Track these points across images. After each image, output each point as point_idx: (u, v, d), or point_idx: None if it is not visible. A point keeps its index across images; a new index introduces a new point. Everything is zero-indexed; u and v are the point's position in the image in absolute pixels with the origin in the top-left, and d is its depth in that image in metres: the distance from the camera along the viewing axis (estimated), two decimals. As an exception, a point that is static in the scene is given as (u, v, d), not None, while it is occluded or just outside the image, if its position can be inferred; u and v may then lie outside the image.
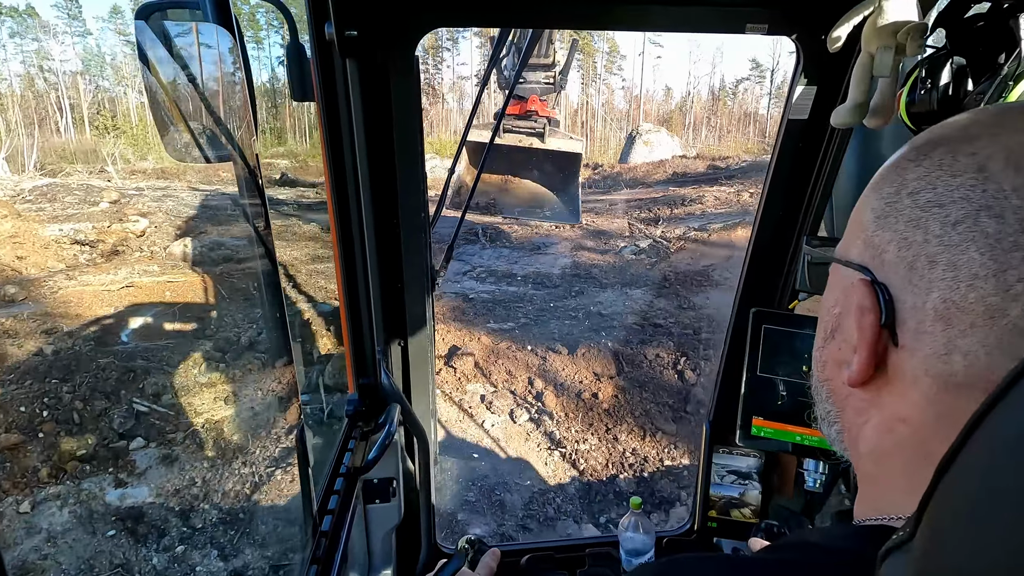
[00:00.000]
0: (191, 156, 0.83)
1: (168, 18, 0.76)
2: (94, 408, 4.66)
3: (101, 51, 52.58)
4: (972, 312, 0.36)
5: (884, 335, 0.41)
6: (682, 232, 12.52)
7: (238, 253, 9.24)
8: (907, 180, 0.41)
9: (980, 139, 0.38)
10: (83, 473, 4.15)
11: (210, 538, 3.74)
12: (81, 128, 43.31)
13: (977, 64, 0.79)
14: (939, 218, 0.38)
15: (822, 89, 1.31)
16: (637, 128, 30.86)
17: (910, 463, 0.41)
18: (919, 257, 0.38)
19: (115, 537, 3.67)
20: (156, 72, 0.75)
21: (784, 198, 1.48)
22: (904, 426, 0.41)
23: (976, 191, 0.36)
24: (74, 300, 6.63)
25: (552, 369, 6.10)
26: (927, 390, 0.39)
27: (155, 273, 7.62)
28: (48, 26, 49.73)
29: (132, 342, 5.82)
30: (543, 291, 9.20)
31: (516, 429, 5.19)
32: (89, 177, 17.76)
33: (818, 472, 1.48)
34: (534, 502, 4.26)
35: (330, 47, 1.14)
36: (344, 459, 1.31)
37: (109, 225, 9.78)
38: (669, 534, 1.78)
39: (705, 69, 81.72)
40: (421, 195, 1.38)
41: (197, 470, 4.33)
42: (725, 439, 1.64)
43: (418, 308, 1.49)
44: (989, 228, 0.35)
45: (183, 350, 5.73)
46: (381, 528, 1.50)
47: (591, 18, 1.23)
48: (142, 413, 4.74)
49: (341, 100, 1.20)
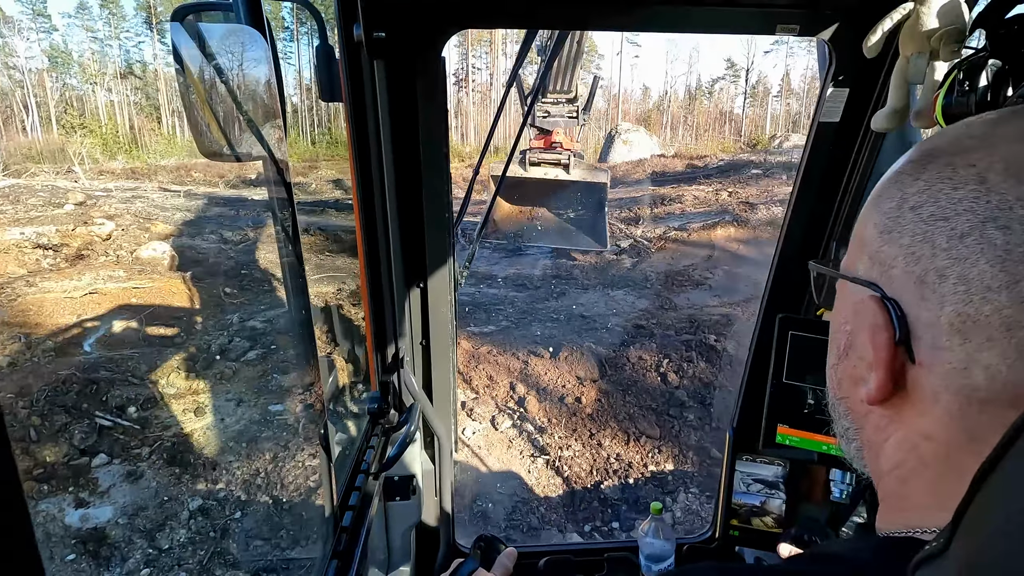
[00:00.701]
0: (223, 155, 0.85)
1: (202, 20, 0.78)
2: (54, 423, 4.43)
3: (68, 48, 51.20)
4: (989, 325, 0.35)
5: (900, 352, 0.41)
6: (662, 232, 12.57)
7: (210, 257, 8.99)
8: (908, 194, 0.41)
9: (977, 151, 0.38)
10: (40, 493, 3.94)
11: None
12: (48, 127, 42.12)
13: (1017, 67, 0.75)
14: (945, 231, 0.38)
15: (855, 92, 1.30)
16: (616, 127, 31.01)
17: (939, 479, 0.40)
18: (928, 271, 0.38)
19: (75, 561, 3.48)
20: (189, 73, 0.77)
21: (814, 202, 1.47)
22: (929, 443, 0.41)
23: (980, 203, 0.36)
24: (34, 308, 6.34)
25: (534, 373, 6.01)
26: (949, 406, 0.38)
27: (121, 279, 7.35)
28: (12, 21, 48.30)
29: (95, 352, 5.58)
30: (524, 293, 9.12)
31: (498, 436, 5.09)
32: (55, 178, 17.24)
33: (845, 483, 1.46)
34: (517, 511, 4.17)
35: (358, 48, 1.15)
36: (365, 456, 1.32)
37: (74, 228, 9.45)
38: (690, 541, 1.77)
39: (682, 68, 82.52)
40: (445, 196, 1.39)
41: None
42: (749, 446, 1.62)
43: (441, 308, 1.50)
44: (997, 240, 0.35)
45: (156, 359, 5.51)
46: (400, 525, 1.52)
47: (619, 20, 1.23)
48: (105, 427, 4.52)
49: (368, 101, 1.21)
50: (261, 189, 15.83)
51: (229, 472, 4.29)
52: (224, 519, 3.84)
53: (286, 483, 4.22)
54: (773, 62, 73.88)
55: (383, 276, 1.39)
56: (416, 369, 1.56)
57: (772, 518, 1.62)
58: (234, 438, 4.70)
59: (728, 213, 13.26)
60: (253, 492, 4.11)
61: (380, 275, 1.39)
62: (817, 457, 1.43)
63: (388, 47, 1.17)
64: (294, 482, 4.23)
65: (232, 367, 5.55)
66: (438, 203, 1.38)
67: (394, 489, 1.48)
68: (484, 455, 4.84)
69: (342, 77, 1.16)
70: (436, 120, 1.29)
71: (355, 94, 1.19)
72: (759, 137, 40.13)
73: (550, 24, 1.30)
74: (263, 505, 4.00)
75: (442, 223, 1.41)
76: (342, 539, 1.09)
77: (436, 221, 1.40)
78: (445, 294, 1.49)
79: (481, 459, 4.79)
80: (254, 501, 4.01)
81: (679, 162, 24.25)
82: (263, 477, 4.25)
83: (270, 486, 4.18)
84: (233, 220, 11.97)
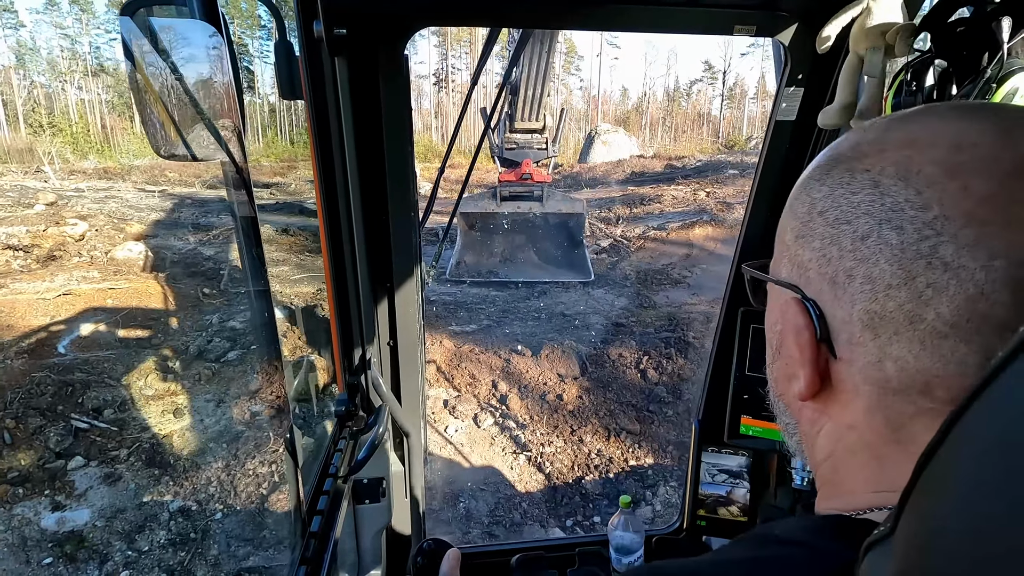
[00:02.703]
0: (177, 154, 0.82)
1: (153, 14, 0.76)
2: (28, 426, 4.35)
3: (36, 45, 49.85)
4: (894, 320, 0.38)
5: (823, 349, 0.43)
6: (641, 231, 12.69)
7: (187, 256, 8.86)
8: (816, 200, 0.43)
9: (871, 156, 0.40)
10: (15, 497, 3.87)
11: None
12: (15, 126, 40.97)
13: (961, 67, 0.79)
14: (848, 234, 0.40)
15: (809, 90, 1.33)
16: (596, 128, 31.20)
17: (864, 467, 0.43)
18: (838, 272, 0.40)
19: (52, 565, 3.43)
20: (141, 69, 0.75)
21: (772, 199, 1.50)
22: (853, 432, 0.43)
23: (875, 205, 0.38)
24: (5, 310, 6.20)
25: (516, 371, 6.05)
26: (869, 397, 0.41)
27: (95, 280, 7.21)
28: (-24, 16, 46.90)
29: (70, 353, 5.48)
30: (505, 292, 9.16)
31: (481, 434, 5.12)
32: (24, 178, 16.80)
33: (805, 470, 1.49)
34: (500, 507, 4.20)
35: (319, 45, 1.13)
36: (333, 460, 1.30)
37: (45, 229, 9.23)
38: (658, 533, 1.78)
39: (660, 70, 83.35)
40: (410, 194, 1.37)
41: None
42: (714, 438, 1.64)
43: (408, 308, 1.48)
44: (892, 240, 0.37)
45: (129, 360, 5.43)
46: (371, 528, 1.50)
47: (578, 18, 1.23)
48: (81, 430, 4.45)
49: (330, 98, 1.19)
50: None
51: (190, 481, 4.19)
52: (188, 529, 3.76)
53: (251, 489, 4.14)
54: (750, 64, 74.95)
55: (348, 277, 1.38)
56: (384, 370, 1.54)
57: (738, 507, 1.66)
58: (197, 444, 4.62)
59: (706, 212, 13.45)
60: (216, 499, 4.04)
61: (345, 276, 1.37)
62: (779, 446, 1.46)
63: (349, 44, 1.15)
64: (259, 488, 4.16)
65: (211, 368, 5.50)
66: (403, 202, 1.36)
67: (363, 492, 1.46)
68: (467, 452, 4.86)
69: (303, 74, 1.14)
70: (400, 118, 1.28)
71: (316, 92, 1.18)
72: (736, 138, 40.72)
73: (512, 22, 1.30)
74: (228, 512, 3.92)
75: (407, 222, 1.39)
76: (311, 544, 1.07)
77: (401, 220, 1.38)
78: (412, 294, 1.48)
79: (463, 456, 4.82)
80: (218, 508, 3.95)
81: (658, 163, 24.49)
82: (227, 484, 4.17)
83: (234, 493, 4.10)
84: (209, 220, 11.81)
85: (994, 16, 0.75)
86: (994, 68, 0.74)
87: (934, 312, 0.36)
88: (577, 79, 61.86)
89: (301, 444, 1.26)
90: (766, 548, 0.42)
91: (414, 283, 1.47)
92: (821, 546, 0.39)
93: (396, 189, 1.34)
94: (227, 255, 9.12)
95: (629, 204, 15.57)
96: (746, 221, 1.56)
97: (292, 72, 1.15)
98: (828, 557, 0.37)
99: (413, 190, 1.38)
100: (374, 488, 1.47)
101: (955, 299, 0.35)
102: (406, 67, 1.24)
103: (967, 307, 0.35)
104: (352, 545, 1.49)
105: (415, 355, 1.56)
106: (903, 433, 0.40)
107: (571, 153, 32.33)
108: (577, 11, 1.22)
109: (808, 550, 0.39)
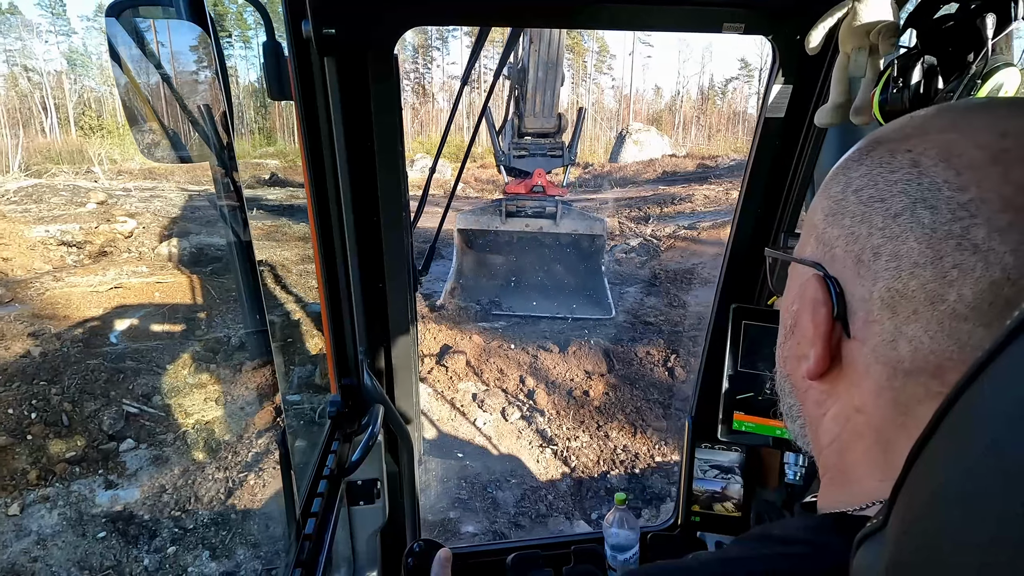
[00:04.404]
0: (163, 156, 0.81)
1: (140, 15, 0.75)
2: (84, 410, 4.63)
3: (87, 50, 51.98)
4: (914, 299, 0.38)
5: (837, 327, 0.43)
6: (672, 230, 12.60)
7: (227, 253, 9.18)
8: (852, 179, 0.43)
9: (914, 138, 0.41)
10: (72, 475, 4.13)
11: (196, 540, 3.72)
12: (67, 128, 42.78)
13: (947, 63, 0.81)
14: (881, 211, 0.40)
15: (798, 88, 1.33)
16: (627, 127, 30.98)
17: (869, 451, 0.42)
18: (865, 250, 0.41)
19: (105, 539, 3.66)
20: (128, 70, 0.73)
21: (762, 195, 1.50)
22: (860, 415, 0.43)
23: (912, 185, 0.39)
24: (62, 301, 6.57)
25: (544, 367, 6.12)
26: (878, 378, 0.41)
27: (144, 274, 7.57)
28: (31, 25, 49.11)
29: (121, 343, 5.78)
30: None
31: (508, 427, 5.22)
32: (75, 178, 17.57)
33: (798, 465, 1.50)
34: (526, 499, 4.29)
35: (307, 45, 1.12)
36: (327, 461, 1.28)
37: (96, 226, 9.69)
38: (653, 529, 1.78)
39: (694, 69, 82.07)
40: (402, 195, 1.36)
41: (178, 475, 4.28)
42: (707, 434, 1.65)
43: (400, 308, 1.47)
44: (925, 219, 0.37)
45: (173, 351, 5.70)
46: (366, 530, 1.48)
47: (567, 17, 1.23)
48: (132, 414, 4.71)
49: (319, 99, 1.19)
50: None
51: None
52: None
53: (244, 492, 4.14)
54: (786, 61, 72.80)
55: (340, 277, 1.37)
56: (377, 371, 1.52)
57: (733, 503, 1.67)
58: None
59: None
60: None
61: (337, 276, 1.37)
62: (772, 442, 1.46)
63: (338, 44, 1.12)
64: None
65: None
66: (394, 203, 1.34)
67: (358, 493, 1.44)
68: (494, 445, 4.97)
69: (291, 75, 1.13)
70: (390, 118, 1.26)
71: (305, 92, 1.16)
72: (771, 137, 39.70)
73: (500, 21, 1.27)
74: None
75: (399, 223, 1.37)
76: (305, 547, 1.06)
77: (393, 221, 1.36)
78: (404, 294, 1.46)
79: (491, 449, 4.92)
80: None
81: (690, 162, 24.20)
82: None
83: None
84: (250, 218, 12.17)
85: (978, 13, 0.78)
86: (979, 64, 0.77)
87: (956, 293, 0.36)
88: (609, 78, 61.48)
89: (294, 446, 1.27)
90: (768, 547, 0.42)
91: (407, 283, 1.46)
92: (822, 543, 0.39)
93: (387, 190, 1.32)
94: (265, 252, 9.43)
95: (660, 203, 15.47)
96: (737, 216, 1.55)
97: (281, 73, 1.14)
98: (829, 554, 0.38)
99: (404, 191, 1.37)
100: (368, 489, 1.45)
101: (980, 282, 0.35)
102: (396, 67, 1.23)
103: (991, 291, 0.35)
104: (347, 547, 1.47)
105: (408, 355, 1.55)
106: (910, 417, 0.39)
107: (602, 152, 32.18)
108: (564, 10, 1.22)
109: (809, 547, 0.40)
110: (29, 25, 48.97)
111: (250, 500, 4.10)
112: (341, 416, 1.42)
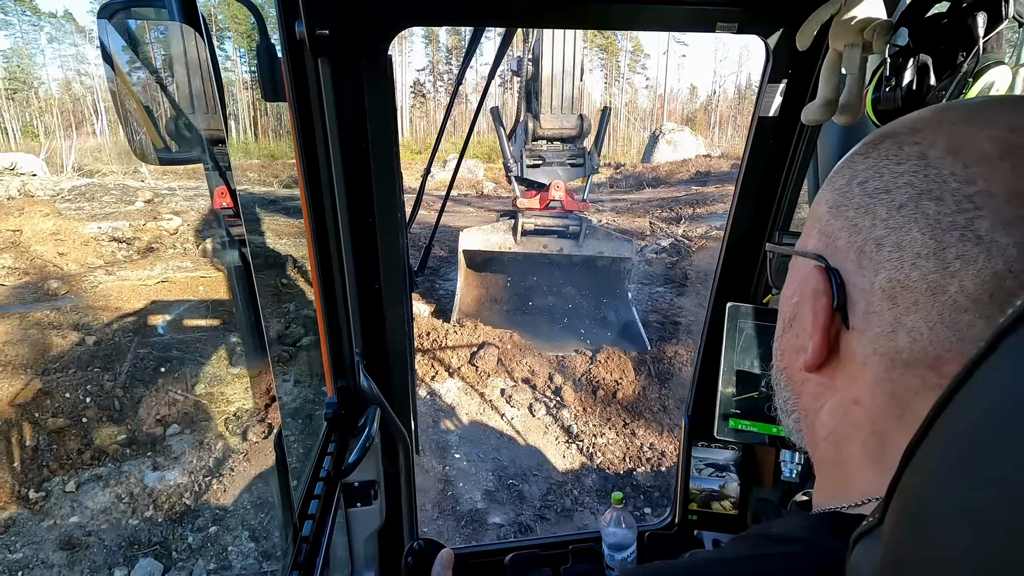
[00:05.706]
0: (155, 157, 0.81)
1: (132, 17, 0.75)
2: (134, 395, 4.90)
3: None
4: (915, 290, 0.37)
5: (836, 318, 0.43)
6: (704, 231, 12.47)
7: (265, 250, 9.50)
8: (857, 171, 0.44)
9: (922, 132, 0.41)
10: (123, 456, 4.38)
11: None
12: (116, 130, 44.52)
13: (939, 61, 0.82)
14: (885, 203, 0.40)
15: (791, 87, 1.34)
16: (660, 127, 30.69)
17: (866, 444, 0.42)
18: (868, 241, 0.41)
19: (152, 518, 3.88)
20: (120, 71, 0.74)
21: (757, 194, 1.50)
22: (858, 407, 0.42)
23: (918, 176, 0.39)
24: (113, 294, 6.93)
25: (571, 365, 6.18)
26: (876, 370, 0.40)
27: (189, 269, 7.90)
28: (85, 30, 51.31)
29: (168, 334, 6.08)
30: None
31: (535, 422, 5.29)
32: (124, 177, 18.34)
33: (794, 463, 1.51)
34: (551, 493, 4.36)
35: (301, 46, 1.13)
36: (324, 463, 1.29)
37: (144, 223, 10.13)
38: (651, 528, 1.79)
39: (731, 68, 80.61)
40: (397, 196, 1.35)
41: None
42: (704, 433, 1.66)
43: (396, 309, 1.47)
44: (929, 210, 0.37)
45: (217, 341, 5.96)
46: (363, 531, 1.48)
47: (562, 17, 1.23)
48: (177, 401, 4.96)
49: (313, 100, 1.19)
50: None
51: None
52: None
53: (239, 493, 4.15)
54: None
55: (335, 278, 1.37)
56: (373, 371, 1.52)
57: (729, 501, 1.68)
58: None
59: (773, 213, 13.02)
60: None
61: (332, 277, 1.37)
62: (768, 440, 1.46)
63: (332, 45, 1.12)
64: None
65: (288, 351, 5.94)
66: (389, 203, 1.34)
67: (355, 495, 1.44)
68: (522, 440, 5.05)
69: (285, 76, 1.13)
70: (384, 119, 1.25)
71: (299, 93, 1.17)
72: (810, 137, 38.79)
73: (495, 21, 1.27)
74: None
75: (394, 223, 1.37)
76: (302, 549, 1.05)
77: (388, 222, 1.36)
78: (399, 295, 1.46)
79: (518, 443, 5.01)
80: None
81: (725, 162, 23.85)
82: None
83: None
84: (287, 217, 12.54)
85: (970, 12, 0.79)
86: (970, 63, 0.79)
87: (958, 285, 0.36)
88: (643, 77, 60.94)
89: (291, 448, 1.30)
90: (765, 546, 0.42)
91: (402, 284, 1.46)
92: (819, 542, 0.39)
93: (382, 190, 1.32)
94: (303, 249, 9.69)
95: (692, 204, 15.31)
96: (732, 215, 1.56)
97: (275, 74, 1.14)
98: (826, 553, 0.38)
99: (399, 191, 1.37)
100: (366, 491, 1.45)
101: (982, 273, 0.35)
102: (390, 67, 1.23)
103: (993, 282, 0.34)
104: (345, 549, 1.47)
105: (404, 356, 1.55)
106: (907, 410, 0.39)
107: (635, 153, 31.94)
108: (558, 9, 1.22)
109: (806, 546, 0.40)
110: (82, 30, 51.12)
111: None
112: (337, 418, 1.43)
